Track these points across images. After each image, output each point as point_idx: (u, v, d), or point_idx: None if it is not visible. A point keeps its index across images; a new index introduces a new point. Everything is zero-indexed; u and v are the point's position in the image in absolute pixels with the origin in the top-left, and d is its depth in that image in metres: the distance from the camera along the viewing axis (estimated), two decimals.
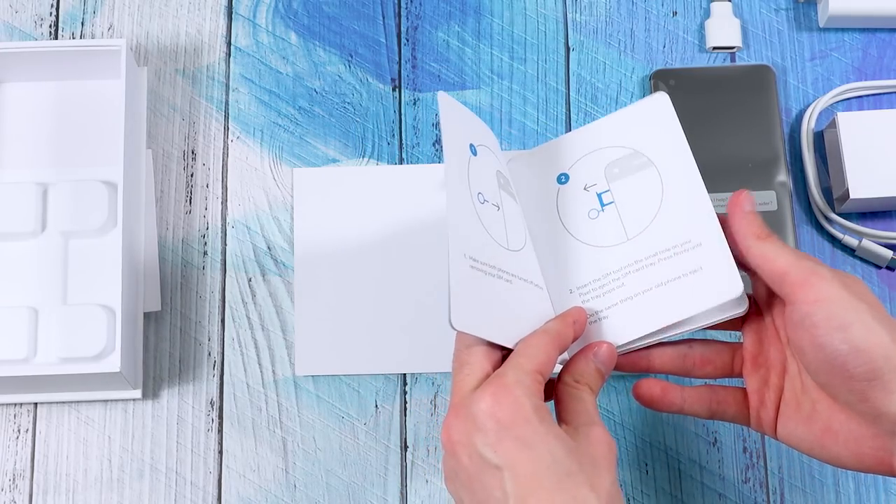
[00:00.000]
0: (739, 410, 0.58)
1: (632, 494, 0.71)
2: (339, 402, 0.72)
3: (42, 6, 0.80)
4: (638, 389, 0.58)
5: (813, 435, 0.55)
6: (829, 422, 0.54)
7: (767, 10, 0.80)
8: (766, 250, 0.54)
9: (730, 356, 0.59)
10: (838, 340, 0.50)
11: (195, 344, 0.73)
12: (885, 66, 0.79)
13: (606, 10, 0.80)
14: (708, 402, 0.58)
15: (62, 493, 0.71)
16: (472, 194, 0.56)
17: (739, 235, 0.55)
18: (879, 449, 0.52)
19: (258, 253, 0.75)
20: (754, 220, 0.55)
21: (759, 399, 0.57)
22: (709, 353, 0.59)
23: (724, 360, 0.59)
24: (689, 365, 0.59)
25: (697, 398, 0.59)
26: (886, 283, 0.74)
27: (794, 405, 0.56)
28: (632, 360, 0.58)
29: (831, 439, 0.54)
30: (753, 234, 0.55)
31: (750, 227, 0.55)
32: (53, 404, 0.72)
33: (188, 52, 0.79)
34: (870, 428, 0.52)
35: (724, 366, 0.59)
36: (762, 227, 0.55)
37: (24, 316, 0.71)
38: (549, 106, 0.78)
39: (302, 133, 0.77)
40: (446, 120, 0.57)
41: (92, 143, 0.75)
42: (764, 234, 0.55)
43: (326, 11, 0.80)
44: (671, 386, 0.58)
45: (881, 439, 0.51)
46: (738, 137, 0.75)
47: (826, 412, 0.54)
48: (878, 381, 0.50)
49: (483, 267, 0.54)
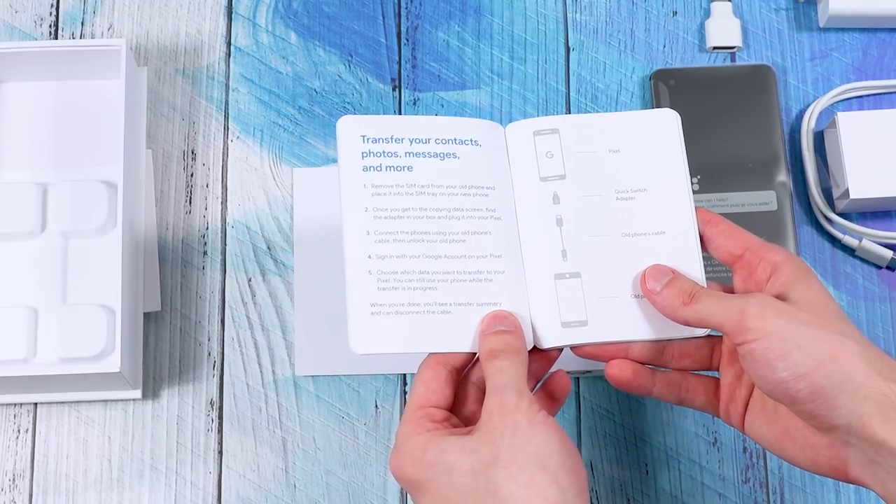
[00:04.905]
0: (709, 400, 0.59)
1: (632, 494, 0.71)
2: (339, 402, 0.72)
3: (42, 6, 0.80)
4: (610, 369, 0.59)
5: (773, 436, 0.56)
6: (787, 427, 0.55)
7: (767, 10, 0.80)
8: (696, 312, 0.55)
9: (709, 351, 0.60)
10: (779, 369, 0.51)
11: (195, 344, 0.73)
12: (885, 66, 0.78)
13: (606, 10, 0.80)
14: (678, 388, 0.59)
15: (62, 493, 0.71)
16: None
17: (667, 312, 0.57)
18: (833, 458, 0.53)
19: (258, 253, 0.75)
20: (668, 292, 0.56)
21: (729, 393, 0.58)
22: (688, 346, 0.60)
23: (704, 354, 0.60)
24: (668, 357, 0.59)
25: (668, 383, 0.59)
26: (886, 283, 0.74)
27: (761, 404, 0.57)
28: (610, 351, 0.59)
29: (789, 442, 0.55)
30: (677, 305, 0.56)
31: (669, 301, 0.56)
32: (53, 404, 0.72)
33: (188, 52, 0.79)
34: (824, 438, 0.53)
35: (702, 360, 0.60)
36: (681, 290, 0.56)
37: (24, 316, 0.71)
38: (549, 106, 0.78)
39: (302, 133, 0.77)
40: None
41: (92, 143, 0.75)
42: (686, 296, 0.56)
43: (326, 11, 0.80)
44: (642, 369, 0.59)
45: (835, 448, 0.52)
46: (738, 137, 0.75)
47: (785, 417, 0.55)
48: (822, 399, 0.51)
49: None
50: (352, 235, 0.57)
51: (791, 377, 0.51)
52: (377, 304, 0.56)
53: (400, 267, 0.57)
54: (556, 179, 0.60)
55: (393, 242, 0.57)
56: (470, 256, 0.58)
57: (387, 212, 0.58)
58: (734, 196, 0.74)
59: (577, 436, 0.71)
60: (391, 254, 0.57)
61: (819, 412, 0.51)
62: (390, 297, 0.57)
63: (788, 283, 0.54)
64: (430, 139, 0.60)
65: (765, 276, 0.56)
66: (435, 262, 0.58)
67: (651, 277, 0.57)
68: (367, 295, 0.56)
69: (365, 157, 0.59)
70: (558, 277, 0.59)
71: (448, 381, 0.56)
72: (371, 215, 0.58)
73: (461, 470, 0.51)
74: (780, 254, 0.56)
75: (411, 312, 0.57)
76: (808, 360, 0.51)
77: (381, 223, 0.58)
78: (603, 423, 0.72)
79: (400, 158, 0.59)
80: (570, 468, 0.51)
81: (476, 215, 0.59)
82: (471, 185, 0.59)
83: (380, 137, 0.59)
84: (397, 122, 0.61)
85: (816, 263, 0.74)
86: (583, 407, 0.72)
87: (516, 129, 0.61)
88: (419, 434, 0.53)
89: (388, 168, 0.59)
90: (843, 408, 0.50)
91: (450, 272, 0.58)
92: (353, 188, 0.58)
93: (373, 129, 0.60)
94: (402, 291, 0.57)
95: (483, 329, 0.57)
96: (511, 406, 0.52)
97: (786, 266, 0.55)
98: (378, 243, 0.57)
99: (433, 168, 0.59)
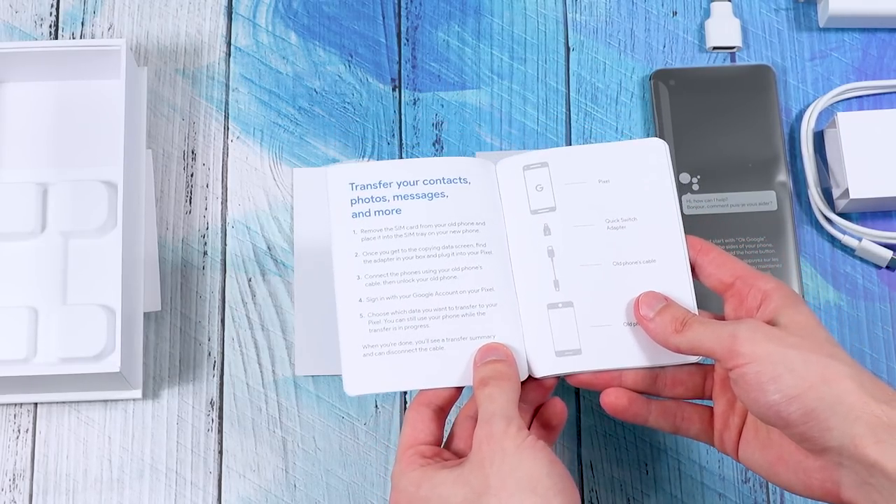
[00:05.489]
0: (703, 429, 0.60)
1: (632, 494, 0.71)
2: (339, 402, 0.72)
3: (42, 6, 0.80)
4: (605, 398, 0.59)
5: (767, 462, 0.56)
6: (780, 451, 0.55)
7: (767, 10, 0.80)
8: (688, 340, 0.56)
9: (701, 378, 0.60)
10: (771, 392, 0.52)
11: (195, 344, 0.73)
12: (885, 66, 0.79)
13: (606, 10, 0.80)
14: (673, 417, 0.60)
15: (62, 493, 0.71)
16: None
17: (659, 339, 0.57)
18: (826, 480, 0.53)
19: (258, 253, 0.75)
20: (661, 319, 0.57)
21: (723, 422, 0.59)
22: (680, 374, 0.60)
23: (696, 381, 0.60)
24: (661, 385, 0.60)
25: (663, 412, 0.60)
26: (886, 283, 0.74)
27: (754, 431, 0.57)
28: (604, 379, 0.59)
29: (783, 467, 0.55)
30: (669, 332, 0.56)
31: (662, 328, 0.57)
32: (53, 404, 0.72)
33: (188, 52, 0.79)
34: (816, 460, 0.53)
35: (695, 387, 0.60)
36: (673, 317, 0.57)
37: (24, 316, 0.71)
38: (549, 106, 0.78)
39: (302, 133, 0.77)
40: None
41: (92, 143, 0.75)
42: (678, 324, 0.56)
43: (326, 11, 0.80)
44: (637, 398, 0.59)
45: (828, 471, 0.53)
46: (738, 137, 0.75)
47: (778, 441, 0.56)
48: (814, 421, 0.51)
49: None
50: (342, 281, 0.59)
51: (783, 399, 0.51)
52: (369, 345, 0.58)
53: (391, 308, 0.59)
54: (546, 211, 0.61)
55: (383, 284, 0.59)
56: (461, 292, 0.59)
57: (376, 255, 0.59)
58: (734, 196, 0.74)
59: (576, 436, 0.71)
60: (381, 296, 0.59)
61: (812, 434, 0.51)
62: (382, 338, 0.58)
63: (778, 309, 0.55)
64: (417, 181, 0.61)
65: (755, 303, 0.56)
66: (426, 300, 0.59)
67: (644, 304, 0.58)
68: (358, 337, 0.58)
69: (354, 203, 0.60)
70: (551, 307, 0.60)
71: (433, 419, 0.57)
72: (361, 260, 0.59)
73: (454, 502, 0.52)
74: (770, 282, 0.56)
75: (403, 351, 0.58)
76: (800, 383, 0.51)
77: (370, 267, 0.59)
78: (603, 423, 0.72)
79: (388, 202, 0.61)
80: (561, 489, 0.52)
81: (466, 251, 0.60)
82: (460, 221, 0.61)
83: (368, 184, 0.61)
84: (385, 167, 0.62)
85: (816, 263, 0.74)
86: (583, 407, 0.72)
87: (506, 166, 0.63)
88: (412, 470, 0.54)
89: (376, 213, 0.60)
90: (836, 429, 0.50)
91: (441, 308, 0.59)
92: (342, 235, 0.60)
93: (361, 177, 0.61)
94: (393, 332, 0.58)
95: (476, 360, 0.58)
96: (499, 433, 0.53)
97: (776, 293, 0.56)
98: (368, 286, 0.59)
99: (422, 209, 0.61)
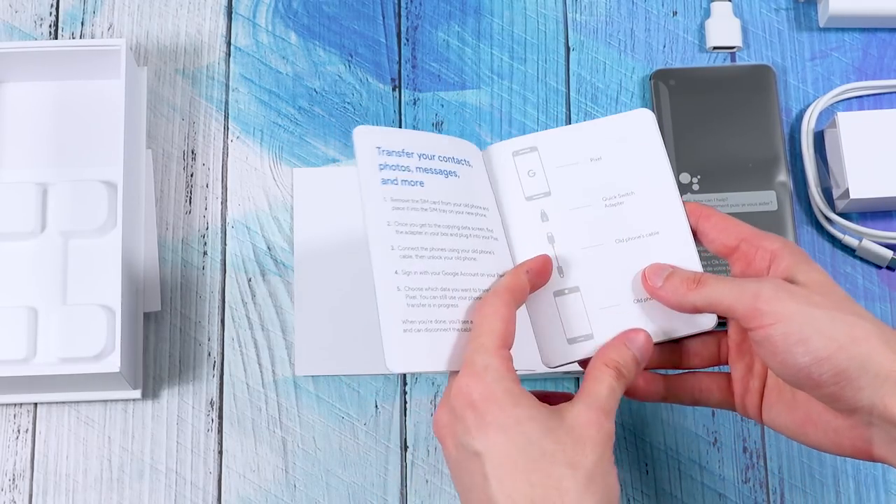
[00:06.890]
0: (724, 397, 0.59)
1: (632, 494, 0.71)
2: (339, 402, 0.72)
3: (42, 6, 0.80)
4: None
5: (795, 423, 0.56)
6: (807, 412, 0.55)
7: (767, 10, 0.80)
8: (705, 296, 0.54)
9: (716, 346, 0.59)
10: (799, 354, 0.51)
11: (195, 344, 0.73)
12: (885, 66, 0.79)
13: (606, 10, 0.80)
14: (691, 390, 0.59)
15: (62, 493, 0.71)
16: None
17: (673, 302, 0.56)
18: (857, 438, 0.53)
19: (258, 253, 0.75)
20: (671, 282, 0.56)
21: (743, 386, 0.58)
22: (695, 345, 0.59)
23: (711, 350, 0.59)
24: (676, 358, 0.59)
25: (680, 386, 0.59)
26: (886, 283, 0.74)
27: (777, 392, 0.56)
28: None
29: (812, 428, 0.55)
30: (683, 292, 0.55)
31: (674, 289, 0.56)
32: (53, 404, 0.72)
33: (188, 52, 0.79)
34: (846, 420, 0.53)
35: (710, 356, 0.59)
36: (683, 279, 0.55)
37: (24, 316, 0.71)
38: (549, 106, 0.78)
39: (302, 133, 0.77)
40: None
41: (92, 143, 0.75)
42: (691, 283, 0.55)
43: (326, 11, 0.80)
44: (653, 376, 0.59)
45: (858, 430, 0.52)
46: (738, 137, 0.75)
47: (805, 402, 0.55)
48: (846, 381, 0.50)
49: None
50: (378, 250, 0.55)
51: (813, 361, 0.50)
52: (408, 320, 0.55)
53: (425, 283, 0.56)
54: (541, 197, 0.60)
55: (416, 258, 0.56)
56: (482, 275, 0.57)
57: (407, 227, 0.56)
58: (734, 196, 0.74)
59: None
60: (416, 270, 0.56)
61: (843, 394, 0.51)
62: (420, 313, 0.55)
63: (790, 267, 0.54)
64: (434, 156, 0.59)
65: (764, 264, 0.55)
66: (453, 279, 0.56)
67: (652, 274, 0.57)
68: (398, 311, 0.55)
69: (382, 169, 0.57)
70: (557, 294, 0.59)
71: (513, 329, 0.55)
72: (393, 230, 0.56)
73: (539, 443, 0.50)
74: (776, 241, 0.55)
75: (439, 329, 0.55)
76: (829, 343, 0.50)
77: (403, 238, 0.56)
78: None
79: (412, 173, 0.58)
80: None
81: (480, 234, 0.58)
82: (472, 203, 0.59)
83: (393, 150, 0.58)
84: (407, 136, 0.60)
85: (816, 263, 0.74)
86: None
87: (495, 152, 0.61)
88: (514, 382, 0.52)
89: (403, 182, 0.57)
90: (866, 388, 0.50)
91: (467, 289, 0.57)
92: (374, 201, 0.57)
93: (387, 142, 0.58)
94: (429, 308, 0.55)
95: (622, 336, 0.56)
96: (604, 440, 0.52)
97: (784, 252, 0.55)
98: (403, 258, 0.56)
99: (440, 185, 0.58)
